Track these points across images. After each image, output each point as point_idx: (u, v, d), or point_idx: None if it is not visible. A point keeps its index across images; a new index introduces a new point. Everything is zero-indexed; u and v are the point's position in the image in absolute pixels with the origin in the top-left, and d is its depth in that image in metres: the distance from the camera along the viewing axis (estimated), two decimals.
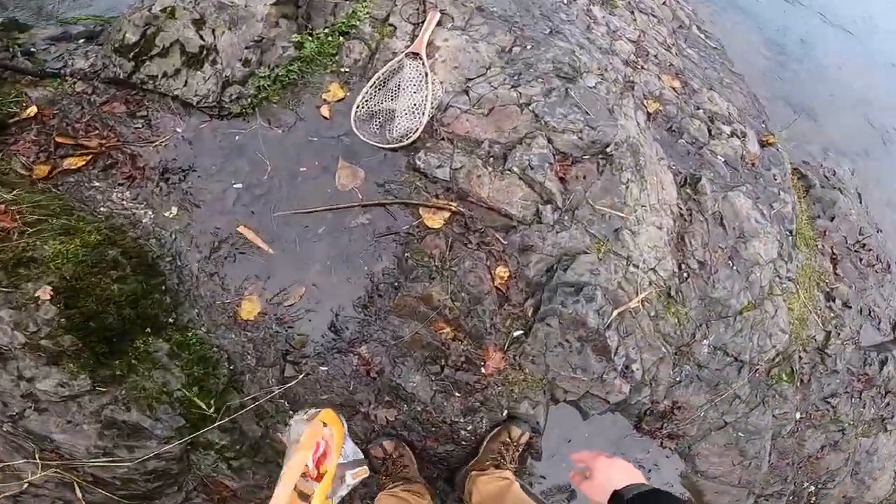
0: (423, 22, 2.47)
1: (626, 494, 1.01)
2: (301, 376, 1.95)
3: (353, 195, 2.07)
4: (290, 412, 1.92)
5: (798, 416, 2.71)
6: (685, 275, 2.42)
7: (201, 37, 2.31)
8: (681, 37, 3.51)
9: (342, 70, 2.39)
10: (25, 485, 1.67)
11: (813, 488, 2.76)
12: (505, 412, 2.09)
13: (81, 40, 2.53)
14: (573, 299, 2.05)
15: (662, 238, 2.33)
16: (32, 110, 2.18)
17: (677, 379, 2.45)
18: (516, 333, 2.07)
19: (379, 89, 2.32)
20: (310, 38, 2.40)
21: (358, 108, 2.26)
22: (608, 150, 2.24)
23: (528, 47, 2.44)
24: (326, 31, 2.44)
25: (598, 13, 2.97)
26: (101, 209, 2.04)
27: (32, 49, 2.45)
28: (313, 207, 2.04)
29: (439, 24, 2.49)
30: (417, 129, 2.17)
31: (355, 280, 2.00)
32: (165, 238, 2.01)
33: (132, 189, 2.09)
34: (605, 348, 2.12)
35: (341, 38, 2.44)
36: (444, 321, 2.03)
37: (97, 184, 2.10)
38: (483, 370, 2.06)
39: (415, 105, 2.23)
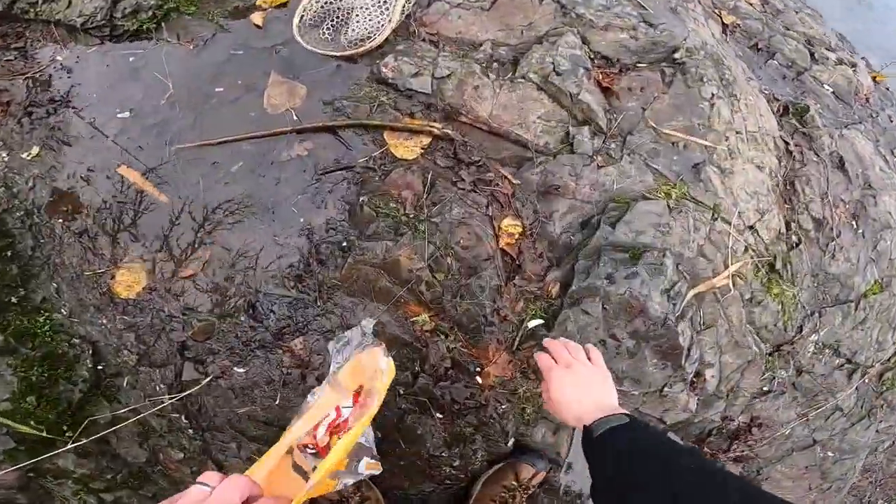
0: None
1: (594, 431, 0.81)
2: (205, 381, 1.27)
3: (288, 119, 1.38)
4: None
5: None
6: (795, 238, 1.61)
7: None
8: None
9: None
10: None
11: None
12: (511, 441, 1.35)
13: None
14: (627, 271, 1.29)
15: (765, 183, 1.53)
16: None
17: (765, 389, 1.66)
18: (533, 324, 1.32)
19: None
20: None
21: (304, 10, 1.59)
22: (676, 56, 1.49)
23: None
24: None
25: None
26: None
27: None
28: (226, 136, 1.36)
29: None
30: (385, 28, 1.47)
31: (285, 238, 1.30)
32: (20, 186, 1.38)
33: None
34: (674, 349, 1.34)
35: None
36: (418, 303, 1.30)
37: None
38: (479, 379, 1.33)
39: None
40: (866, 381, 1.80)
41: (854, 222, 1.75)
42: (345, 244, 1.29)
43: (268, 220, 1.31)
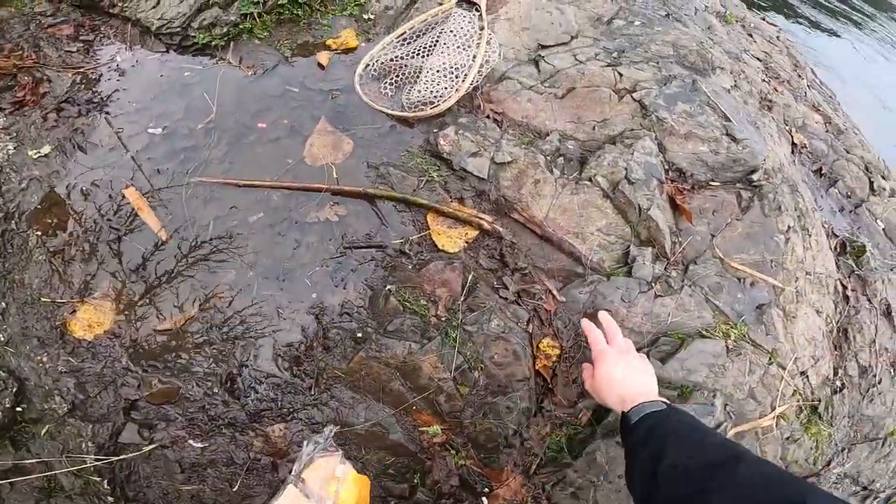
0: None
1: (632, 417, 0.80)
2: (148, 448, 0.95)
3: (326, 175, 1.10)
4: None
5: None
6: (840, 384, 1.38)
7: None
8: (801, 74, 2.48)
9: (365, 17, 1.50)
10: None
11: None
12: None
13: None
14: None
15: (821, 328, 1.26)
16: None
17: None
18: (556, 451, 1.01)
19: (407, 42, 1.39)
20: None
21: (371, 60, 1.33)
22: (754, 177, 1.21)
23: (637, 23, 1.47)
24: None
25: (715, 20, 1.99)
26: None
27: None
28: (255, 180, 1.07)
29: None
30: (451, 97, 1.20)
31: (290, 313, 1.01)
32: (11, 184, 1.10)
33: (11, 116, 1.21)
34: None
35: None
36: (432, 413, 0.99)
37: None
38: (485, 500, 1.01)
39: (455, 66, 1.28)
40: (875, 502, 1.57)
41: (892, 369, 1.52)
42: (359, 335, 0.99)
43: (275, 287, 1.01)
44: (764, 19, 2.64)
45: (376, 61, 1.34)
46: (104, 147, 1.19)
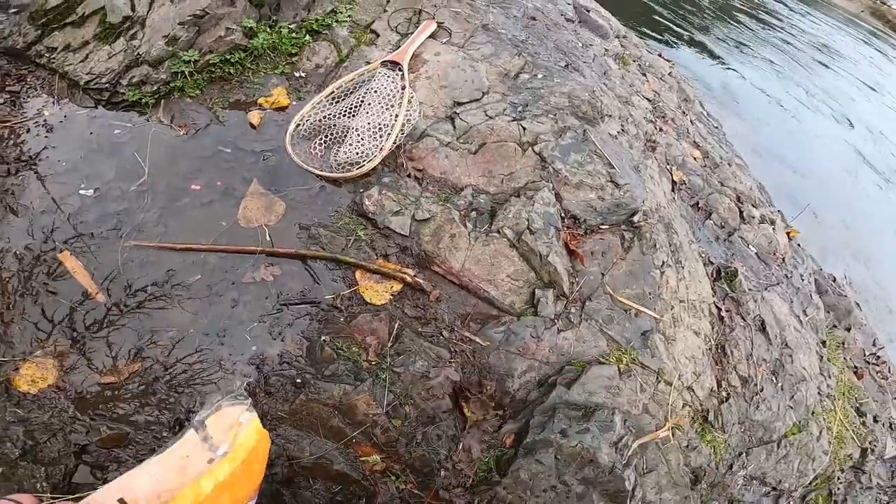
0: (412, 33, 1.70)
1: None
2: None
3: (260, 237, 1.19)
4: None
5: None
6: (725, 394, 1.62)
7: (132, 5, 1.57)
8: (686, 109, 2.83)
9: (296, 74, 1.60)
10: None
11: None
12: None
13: (13, 10, 1.77)
14: (580, 427, 1.22)
15: (700, 347, 1.50)
16: None
17: None
18: (486, 471, 1.17)
19: (336, 101, 1.50)
20: (268, 30, 1.61)
21: (302, 119, 1.43)
22: (635, 219, 1.43)
23: (540, 76, 1.67)
24: (293, 26, 1.66)
25: (612, 64, 2.25)
26: None
27: None
28: (191, 243, 1.15)
29: (432, 36, 1.72)
30: (375, 157, 1.33)
31: (232, 364, 1.10)
32: None
33: None
34: (620, 492, 1.27)
35: (308, 38, 1.65)
36: (371, 445, 1.12)
37: None
38: None
39: (379, 126, 1.41)
40: (790, 502, 1.82)
41: (774, 377, 1.79)
42: (299, 380, 1.09)
43: (216, 342, 1.10)
44: (660, 55, 2.98)
45: (306, 121, 1.44)
46: (36, 209, 1.21)
